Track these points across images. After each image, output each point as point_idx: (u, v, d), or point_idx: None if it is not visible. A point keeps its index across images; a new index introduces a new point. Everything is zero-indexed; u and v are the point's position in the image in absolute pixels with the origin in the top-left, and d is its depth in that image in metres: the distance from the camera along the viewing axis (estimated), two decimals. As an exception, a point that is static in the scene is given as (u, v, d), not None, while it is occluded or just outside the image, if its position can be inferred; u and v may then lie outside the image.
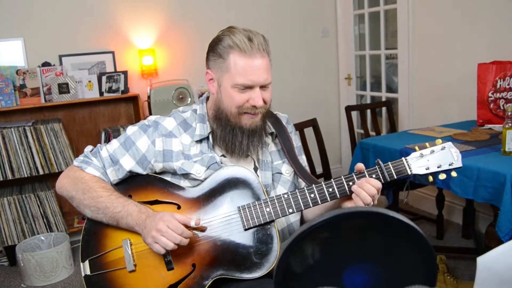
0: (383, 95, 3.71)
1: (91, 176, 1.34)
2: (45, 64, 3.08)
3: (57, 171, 2.96)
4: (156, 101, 3.28)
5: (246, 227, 1.26)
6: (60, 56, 3.19)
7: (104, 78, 3.20)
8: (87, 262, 1.30)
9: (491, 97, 2.50)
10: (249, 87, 1.28)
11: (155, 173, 1.38)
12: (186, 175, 1.35)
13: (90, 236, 1.33)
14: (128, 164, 1.35)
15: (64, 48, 3.21)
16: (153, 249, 1.21)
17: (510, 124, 1.89)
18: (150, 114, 3.30)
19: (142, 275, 1.27)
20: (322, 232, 0.96)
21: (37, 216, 2.92)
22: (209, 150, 1.37)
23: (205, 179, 1.33)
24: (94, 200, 1.29)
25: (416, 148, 1.30)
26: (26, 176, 2.91)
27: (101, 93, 3.20)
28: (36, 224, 2.93)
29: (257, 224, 1.26)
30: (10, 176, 2.86)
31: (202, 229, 1.26)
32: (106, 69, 3.31)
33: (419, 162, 1.26)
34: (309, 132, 2.59)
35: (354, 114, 3.41)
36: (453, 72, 3.05)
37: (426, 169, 1.26)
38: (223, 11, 3.62)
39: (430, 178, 1.31)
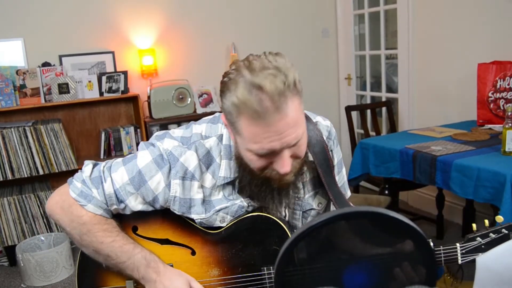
0: (383, 95, 3.70)
1: (90, 215, 1.09)
2: (45, 64, 3.08)
3: (57, 171, 2.96)
4: (156, 101, 3.28)
5: None
6: (60, 56, 3.19)
7: (104, 78, 3.20)
8: None
9: (491, 97, 2.50)
10: (272, 152, 0.97)
11: None
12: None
13: (88, 264, 1.15)
14: (136, 205, 1.11)
15: (64, 48, 3.21)
16: None
17: (510, 124, 1.89)
18: (150, 114, 3.30)
19: None
20: (322, 232, 0.96)
21: (37, 216, 2.92)
22: (234, 193, 1.12)
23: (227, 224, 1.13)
24: (93, 245, 1.10)
25: (474, 227, 1.10)
26: (26, 176, 2.90)
27: (101, 93, 3.20)
28: (36, 224, 2.93)
29: (272, 273, 1.06)
30: (10, 176, 2.86)
31: None
32: (106, 69, 3.31)
33: (473, 250, 1.07)
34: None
35: (354, 114, 3.41)
36: (453, 72, 3.04)
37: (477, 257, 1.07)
38: (223, 11, 3.62)
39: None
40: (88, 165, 1.13)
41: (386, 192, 2.53)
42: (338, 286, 0.97)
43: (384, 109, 3.43)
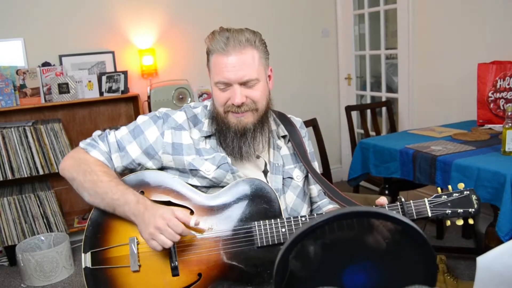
0: (383, 95, 3.71)
1: (95, 159, 1.32)
2: (45, 64, 3.08)
3: (57, 171, 2.96)
4: (156, 101, 3.28)
5: (259, 245, 1.23)
6: (60, 56, 3.19)
7: (104, 78, 3.20)
8: (89, 254, 1.27)
9: (491, 97, 2.50)
10: (228, 85, 1.28)
11: (162, 166, 1.37)
12: (194, 172, 1.34)
13: (96, 228, 1.29)
14: (134, 152, 1.35)
15: (64, 48, 3.21)
16: (149, 245, 1.19)
17: (510, 124, 1.89)
18: (150, 114, 3.30)
19: (145, 277, 1.23)
20: (322, 232, 0.96)
21: (37, 216, 2.92)
22: (218, 147, 1.35)
23: (214, 178, 1.32)
24: (94, 184, 1.27)
25: (439, 190, 1.30)
26: (26, 176, 2.91)
27: (101, 93, 3.20)
28: (36, 224, 2.93)
29: (270, 243, 1.23)
30: (10, 176, 2.86)
31: (200, 231, 1.24)
32: (106, 69, 3.31)
33: (440, 205, 1.26)
34: (309, 132, 2.57)
35: (354, 114, 3.41)
36: (453, 72, 3.04)
37: (446, 214, 1.26)
38: (223, 11, 3.62)
39: (448, 222, 1.32)
40: (97, 131, 1.41)
41: (386, 192, 2.53)
42: (338, 286, 0.97)
43: (384, 109, 3.43)
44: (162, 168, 1.38)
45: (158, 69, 3.45)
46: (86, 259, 1.27)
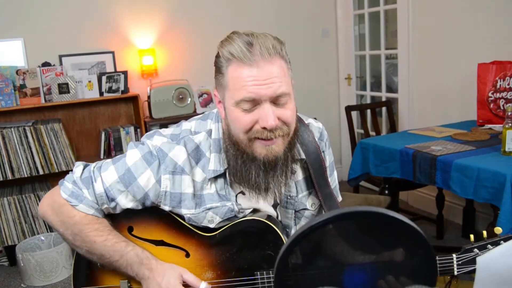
0: (383, 95, 3.70)
1: (82, 215, 1.10)
2: (45, 64, 3.08)
3: (57, 171, 2.96)
4: (156, 101, 3.28)
5: None
6: (60, 56, 3.19)
7: (104, 78, 3.20)
8: None
9: (491, 97, 2.50)
10: (255, 104, 1.00)
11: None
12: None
13: (84, 263, 1.16)
14: (127, 203, 1.11)
15: (64, 48, 3.21)
16: None
17: (510, 124, 1.89)
18: (150, 114, 3.30)
19: None
20: (322, 232, 0.96)
21: (37, 216, 2.92)
22: (226, 188, 1.13)
23: (219, 228, 1.14)
24: (86, 245, 1.10)
25: (471, 238, 1.08)
26: (26, 176, 2.91)
27: (101, 93, 3.20)
28: (36, 224, 2.93)
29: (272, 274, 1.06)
30: (10, 176, 2.86)
31: None
32: (106, 69, 3.31)
33: (470, 261, 1.04)
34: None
35: (354, 114, 3.41)
36: (453, 72, 3.04)
37: (474, 270, 1.02)
38: (223, 11, 3.62)
39: (474, 275, 1.04)
40: (78, 166, 1.14)
41: (386, 192, 2.53)
42: (338, 286, 0.97)
43: (384, 109, 3.43)
44: None
45: (158, 69, 3.45)
46: None
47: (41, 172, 2.93)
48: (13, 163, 2.87)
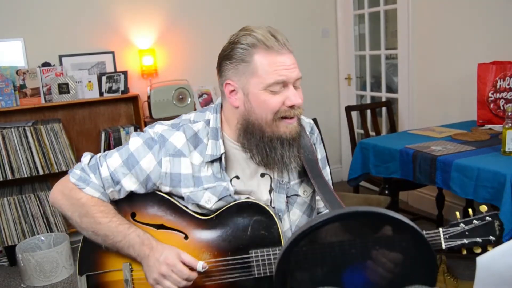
0: (383, 95, 3.71)
1: (89, 197, 1.19)
2: (45, 64, 3.08)
3: (57, 171, 2.96)
4: (156, 101, 3.28)
5: (256, 276, 1.15)
6: (60, 56, 3.19)
7: (104, 78, 3.20)
8: (84, 277, 1.23)
9: (491, 97, 2.50)
10: (283, 86, 1.15)
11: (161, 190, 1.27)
12: (194, 203, 1.23)
13: (89, 250, 1.24)
14: (131, 185, 1.21)
15: (64, 48, 3.21)
16: None
17: (510, 124, 1.89)
18: (150, 114, 3.30)
19: None
20: (322, 232, 0.96)
21: (37, 216, 2.92)
22: (221, 172, 1.22)
23: (216, 209, 1.21)
24: (92, 226, 1.18)
25: (457, 215, 1.14)
26: (26, 176, 2.91)
27: (101, 93, 3.20)
28: (36, 224, 2.93)
29: (268, 274, 1.14)
30: (10, 176, 2.86)
31: (209, 274, 1.17)
32: (106, 69, 3.31)
33: (457, 236, 1.09)
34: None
35: (354, 114, 3.41)
36: (453, 72, 3.04)
37: (462, 244, 1.09)
38: (223, 11, 3.62)
39: (464, 251, 1.13)
40: (86, 156, 1.25)
41: (386, 192, 2.53)
42: (338, 286, 0.97)
43: (384, 109, 3.43)
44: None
45: (158, 69, 3.45)
46: (82, 282, 1.24)
47: (41, 172, 2.93)
48: (13, 163, 2.87)
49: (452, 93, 3.08)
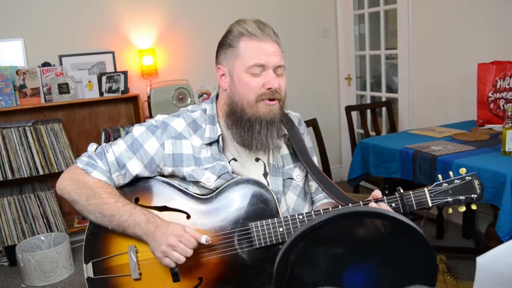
0: (383, 95, 3.71)
1: (96, 180, 1.26)
2: (45, 64, 3.08)
3: (57, 171, 2.96)
4: (156, 101, 3.28)
5: (257, 246, 1.23)
6: (60, 56, 3.19)
7: (104, 78, 3.20)
8: (90, 264, 1.27)
9: (491, 97, 2.50)
10: (263, 70, 1.26)
11: (163, 176, 1.33)
12: (195, 182, 1.31)
13: (94, 237, 1.28)
14: (136, 168, 1.29)
15: (64, 48, 3.21)
16: (162, 263, 1.18)
17: (510, 124, 1.89)
18: (150, 114, 3.30)
19: (147, 284, 1.24)
20: (322, 232, 0.96)
21: (37, 216, 2.92)
22: (219, 154, 1.31)
23: (215, 188, 1.29)
24: (99, 207, 1.23)
25: (440, 177, 1.25)
26: (26, 176, 2.90)
27: (101, 93, 3.20)
28: (36, 224, 2.93)
29: (268, 244, 1.22)
30: (10, 176, 2.86)
31: (211, 248, 1.22)
32: (106, 69, 3.31)
33: (441, 194, 1.22)
34: (309, 132, 2.57)
35: (354, 114, 3.41)
36: (453, 72, 3.04)
37: (447, 202, 1.21)
38: (223, 11, 3.62)
39: (450, 210, 1.26)
40: (92, 145, 1.34)
41: (386, 192, 2.52)
42: (338, 286, 0.97)
43: (384, 109, 3.43)
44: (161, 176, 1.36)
45: (158, 69, 3.45)
46: (88, 270, 1.27)
47: (41, 172, 2.93)
48: (13, 163, 2.87)
49: (452, 93, 3.08)
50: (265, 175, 1.36)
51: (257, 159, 1.36)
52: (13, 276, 2.87)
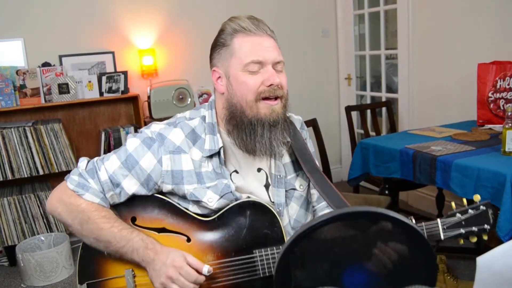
0: (383, 95, 3.70)
1: (89, 203, 1.16)
2: (45, 64, 3.08)
3: (57, 171, 2.96)
4: (156, 101, 3.28)
5: (261, 276, 1.14)
6: (60, 56, 3.19)
7: (104, 78, 3.20)
8: (84, 286, 1.20)
9: (491, 97, 2.50)
10: (261, 66, 1.16)
11: (161, 193, 1.24)
12: (196, 201, 1.21)
13: (89, 257, 1.20)
14: (132, 186, 1.18)
15: (64, 48, 3.21)
16: None
17: (510, 124, 1.89)
18: (150, 114, 3.30)
19: None
20: (322, 232, 0.96)
21: (37, 216, 2.92)
22: (221, 167, 1.21)
23: (217, 208, 1.20)
24: (93, 232, 1.15)
25: (453, 205, 1.18)
26: (26, 176, 2.90)
27: (101, 93, 3.20)
28: (36, 224, 2.93)
29: (273, 273, 1.08)
30: (10, 176, 2.86)
31: (214, 276, 1.15)
32: (106, 69, 3.31)
33: (454, 226, 1.15)
34: (309, 132, 2.58)
35: (354, 114, 3.41)
36: (453, 72, 3.04)
37: (460, 234, 1.14)
38: (223, 11, 3.61)
39: (461, 241, 1.17)
40: (83, 160, 1.23)
41: (386, 192, 2.53)
42: (338, 286, 0.97)
43: (384, 109, 3.43)
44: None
45: (158, 69, 3.45)
46: None
47: (41, 172, 2.93)
48: (13, 163, 2.87)
49: (452, 93, 3.07)
50: (267, 186, 1.27)
51: (259, 169, 1.27)
52: (13, 276, 2.87)
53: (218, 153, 1.21)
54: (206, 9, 3.57)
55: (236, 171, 1.25)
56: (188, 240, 1.18)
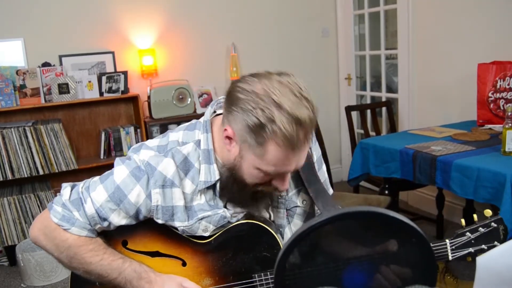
0: (383, 95, 3.70)
1: (75, 238, 1.08)
2: (45, 64, 3.08)
3: (57, 171, 2.96)
4: (156, 101, 3.28)
5: None
6: (60, 56, 3.19)
7: (104, 78, 3.20)
8: None
9: (491, 97, 2.50)
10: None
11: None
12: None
13: (80, 284, 1.14)
14: (120, 220, 1.10)
15: (64, 48, 3.20)
16: None
17: (510, 124, 1.89)
18: (150, 114, 3.30)
19: None
20: (322, 232, 0.96)
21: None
22: (215, 198, 1.13)
23: (213, 234, 1.14)
24: (83, 267, 1.09)
25: (463, 222, 1.10)
26: (26, 176, 2.90)
27: (101, 93, 3.20)
28: (36, 224, 2.93)
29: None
30: (10, 176, 2.86)
31: None
32: (106, 69, 3.30)
33: (463, 245, 1.08)
34: (309, 132, 2.58)
35: (354, 114, 3.41)
36: (453, 72, 3.04)
37: (469, 253, 1.07)
38: (223, 11, 3.62)
39: (469, 259, 1.10)
40: (66, 188, 1.12)
41: (386, 192, 2.53)
42: (338, 286, 0.97)
43: (384, 109, 3.43)
44: None
45: (158, 69, 3.45)
46: None
47: (41, 172, 2.93)
48: (13, 163, 2.86)
49: (452, 93, 3.08)
50: (267, 207, 1.20)
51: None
52: (13, 276, 2.87)
53: (214, 185, 1.11)
54: (206, 9, 3.57)
55: (230, 199, 1.15)
56: (184, 264, 1.13)
